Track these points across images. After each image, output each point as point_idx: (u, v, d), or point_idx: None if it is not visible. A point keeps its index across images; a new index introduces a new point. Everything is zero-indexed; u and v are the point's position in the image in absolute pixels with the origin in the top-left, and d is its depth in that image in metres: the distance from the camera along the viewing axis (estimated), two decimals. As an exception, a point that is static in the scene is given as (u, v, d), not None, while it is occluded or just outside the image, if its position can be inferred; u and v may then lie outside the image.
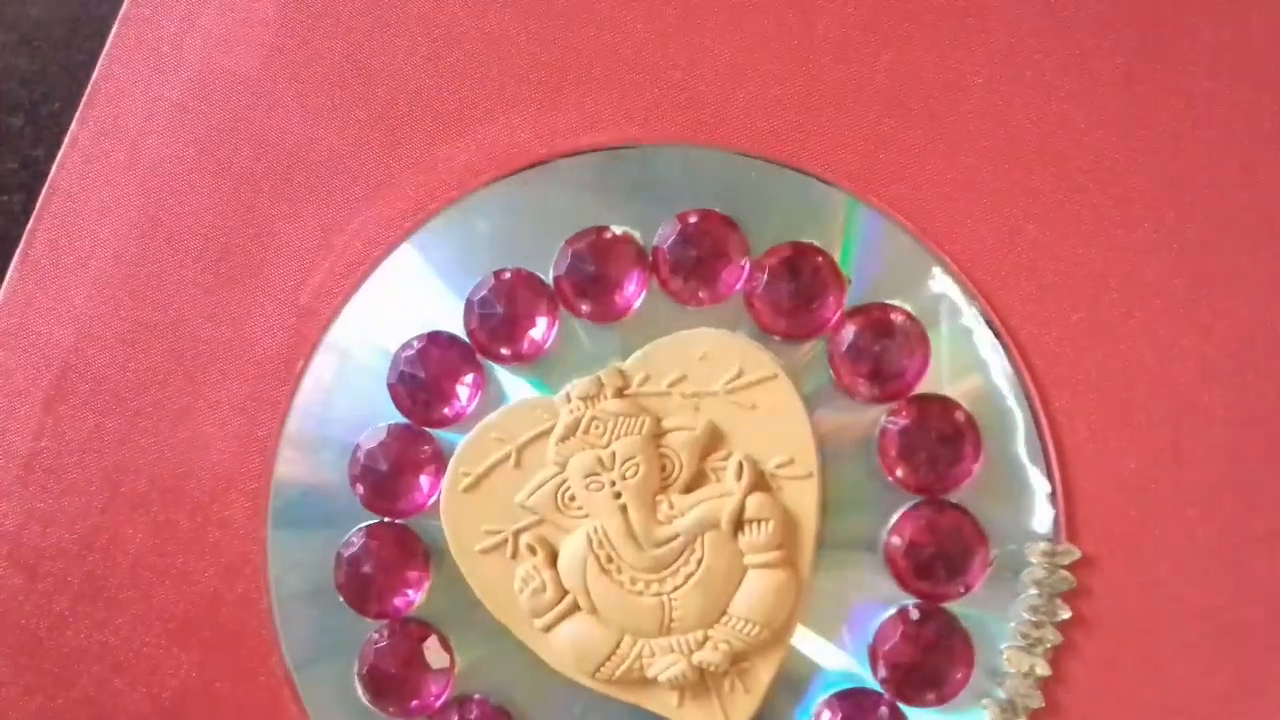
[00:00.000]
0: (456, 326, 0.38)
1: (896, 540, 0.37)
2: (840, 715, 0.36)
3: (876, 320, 0.37)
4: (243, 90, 0.41)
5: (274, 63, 0.41)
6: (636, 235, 0.38)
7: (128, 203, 0.40)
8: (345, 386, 0.39)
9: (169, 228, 0.40)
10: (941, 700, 0.36)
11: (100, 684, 0.39)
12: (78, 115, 0.41)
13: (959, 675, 0.36)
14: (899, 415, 0.37)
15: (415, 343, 0.38)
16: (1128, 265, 0.38)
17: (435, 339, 0.38)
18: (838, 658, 0.37)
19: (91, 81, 0.41)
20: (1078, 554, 0.36)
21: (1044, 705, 0.36)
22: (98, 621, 0.39)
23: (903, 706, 0.36)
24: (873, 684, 0.37)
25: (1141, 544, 0.37)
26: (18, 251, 0.40)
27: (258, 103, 0.41)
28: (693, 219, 0.38)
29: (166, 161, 0.41)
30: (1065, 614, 0.36)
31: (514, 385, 0.38)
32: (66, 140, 0.41)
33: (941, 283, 0.38)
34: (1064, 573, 0.36)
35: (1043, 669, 0.36)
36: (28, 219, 0.41)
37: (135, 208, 0.40)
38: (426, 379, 0.38)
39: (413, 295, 0.39)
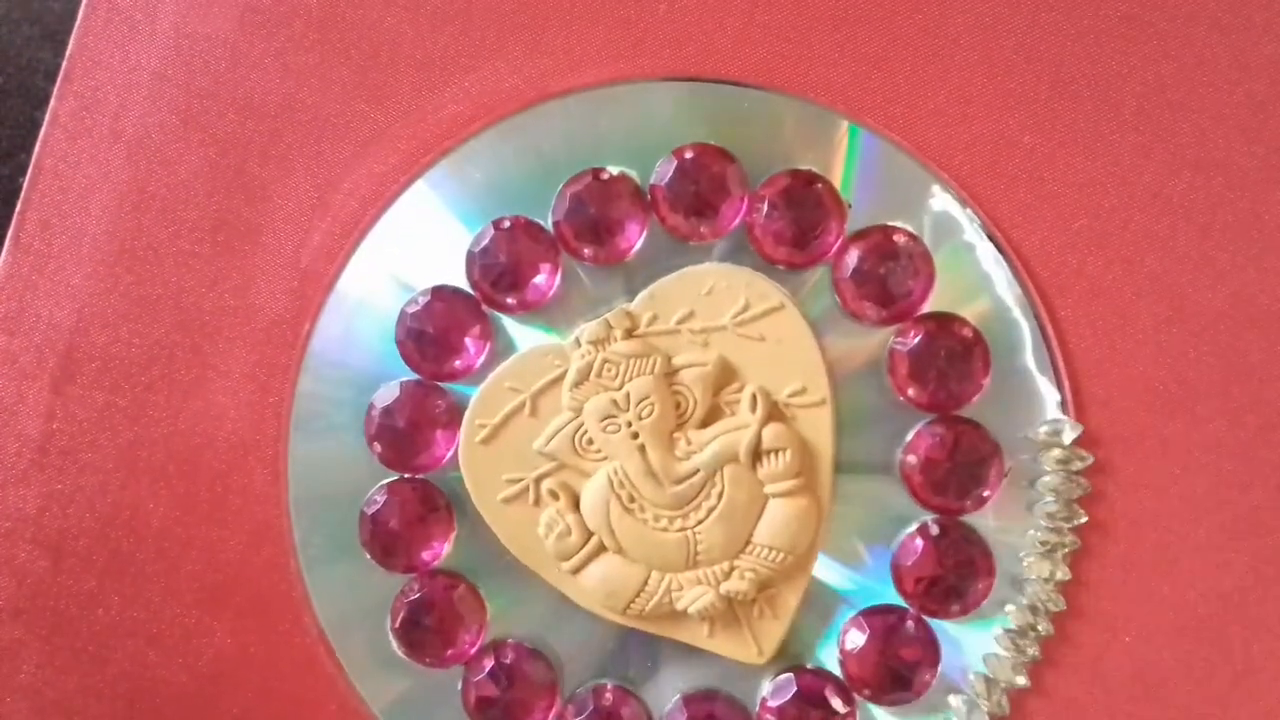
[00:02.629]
0: (459, 279, 0.38)
1: (912, 458, 0.37)
2: (868, 631, 0.37)
3: (879, 243, 0.37)
4: (220, 54, 0.40)
5: (249, 23, 0.40)
6: (633, 174, 0.38)
7: (116, 176, 0.40)
8: (354, 346, 0.39)
9: (161, 199, 0.40)
10: (966, 610, 0.37)
11: (135, 658, 0.39)
12: (56, 90, 0.40)
13: (981, 585, 0.37)
14: (907, 335, 0.37)
15: (420, 298, 0.38)
16: (1125, 169, 0.38)
17: (439, 293, 0.38)
18: (862, 577, 0.38)
19: (67, 55, 0.40)
20: (1091, 459, 0.37)
21: (1066, 608, 0.37)
22: (127, 597, 0.39)
23: (928, 619, 0.37)
24: (898, 600, 0.37)
25: (1152, 444, 0.37)
26: (9, 234, 0.40)
27: (237, 65, 0.40)
28: (689, 154, 0.38)
29: (151, 131, 0.40)
30: (1081, 518, 0.37)
31: (522, 334, 0.38)
32: (47, 117, 0.40)
33: (941, 200, 0.38)
34: (1078, 478, 0.37)
35: (1063, 573, 0.37)
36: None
37: (124, 181, 0.40)
38: (434, 333, 0.38)
39: (413, 250, 0.39)
